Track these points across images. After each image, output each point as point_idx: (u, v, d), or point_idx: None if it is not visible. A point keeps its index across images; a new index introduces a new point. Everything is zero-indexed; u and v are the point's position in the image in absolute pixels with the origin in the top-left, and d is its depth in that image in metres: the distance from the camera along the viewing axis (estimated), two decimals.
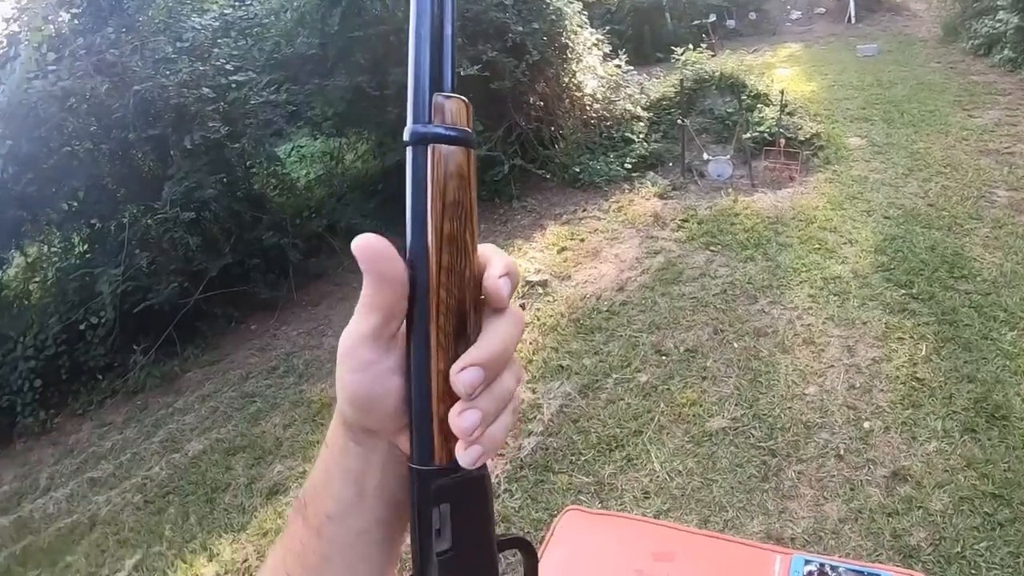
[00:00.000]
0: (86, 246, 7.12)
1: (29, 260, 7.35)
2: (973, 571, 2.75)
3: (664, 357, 4.44)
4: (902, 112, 8.04)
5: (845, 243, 5.24)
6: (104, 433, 5.89)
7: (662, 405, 4.03)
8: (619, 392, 4.22)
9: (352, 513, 0.57)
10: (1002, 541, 2.84)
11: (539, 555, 1.77)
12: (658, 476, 3.56)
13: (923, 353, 3.97)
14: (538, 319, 5.17)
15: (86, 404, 6.38)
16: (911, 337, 4.12)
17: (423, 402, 0.52)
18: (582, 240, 6.15)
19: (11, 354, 6.41)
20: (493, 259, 0.53)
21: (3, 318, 6.78)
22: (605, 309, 5.05)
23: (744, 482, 3.41)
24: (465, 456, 0.51)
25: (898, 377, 3.84)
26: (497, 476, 3.79)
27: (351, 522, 0.57)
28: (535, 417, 4.18)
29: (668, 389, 4.14)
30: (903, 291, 4.54)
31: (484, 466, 0.54)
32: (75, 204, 6.78)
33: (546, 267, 5.82)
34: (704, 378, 4.17)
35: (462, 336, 0.52)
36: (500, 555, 0.59)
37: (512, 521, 3.52)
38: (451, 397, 0.51)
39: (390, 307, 0.50)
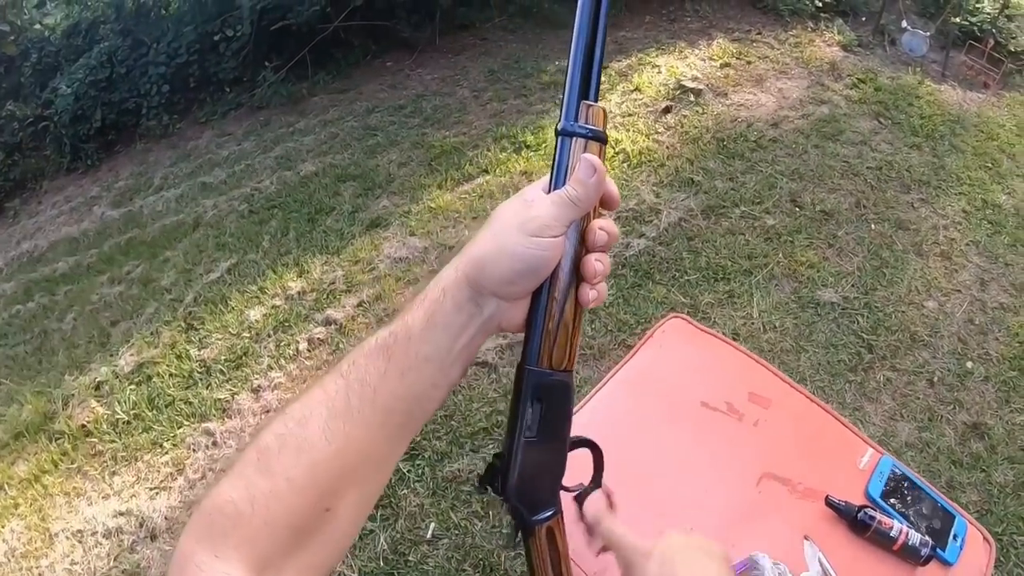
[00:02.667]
0: None
1: None
2: (1002, 558, 2.66)
3: (798, 209, 4.22)
4: None
5: (1018, 176, 4.81)
6: (223, 143, 6.07)
7: (780, 255, 3.87)
8: (742, 226, 4.06)
9: (438, 364, 0.67)
10: None
11: (634, 352, 1.71)
12: (753, 323, 3.47)
13: None
14: (682, 126, 4.93)
15: (210, 114, 6.56)
16: None
17: (545, 318, 0.69)
18: (749, 62, 5.75)
19: (143, 59, 6.54)
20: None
21: (140, 24, 6.80)
22: (753, 139, 4.78)
23: (833, 364, 3.32)
24: (590, 294, 0.69)
25: (1018, 335, 3.60)
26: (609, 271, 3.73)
27: (433, 372, 0.67)
28: (651, 221, 4.07)
29: (791, 242, 3.97)
30: None
31: (571, 374, 0.72)
32: None
33: (704, 77, 5.48)
34: (831, 245, 3.98)
35: (576, 277, 0.69)
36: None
37: (599, 316, 3.50)
38: (565, 319, 0.69)
39: (588, 208, 0.68)
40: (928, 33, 6.25)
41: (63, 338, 4.17)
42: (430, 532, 2.69)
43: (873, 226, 4.13)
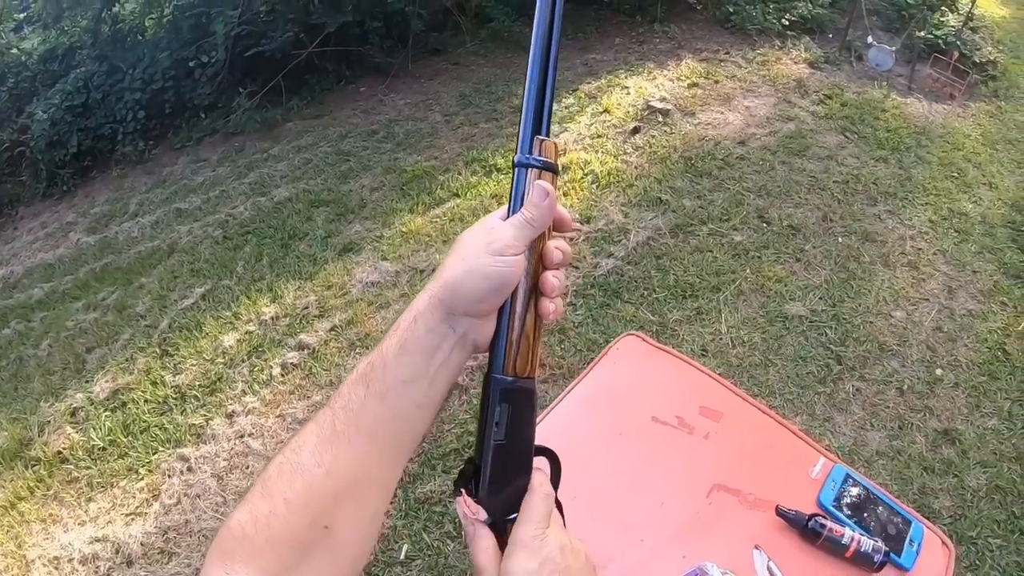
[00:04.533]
0: None
1: None
2: (977, 561, 2.68)
3: (765, 225, 4.25)
4: None
5: (985, 184, 4.86)
6: (198, 168, 6.09)
7: (748, 271, 3.89)
8: (710, 243, 4.09)
9: (418, 385, 0.71)
10: (1016, 548, 2.73)
11: (589, 370, 1.72)
12: (722, 338, 3.49)
13: (1020, 328, 3.71)
14: (650, 146, 4.96)
15: (185, 140, 6.57)
16: (1014, 307, 3.85)
17: (508, 329, 0.74)
18: (717, 82, 5.81)
19: (119, 84, 6.55)
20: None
21: (116, 50, 6.83)
22: (720, 157, 4.82)
23: (802, 376, 3.33)
24: (549, 307, 0.75)
25: (986, 340, 3.63)
26: (566, 287, 3.74)
27: (415, 394, 0.71)
28: (619, 241, 4.10)
29: (759, 257, 3.99)
30: None
31: (534, 381, 0.76)
32: None
33: (672, 97, 5.53)
34: (798, 259, 4.00)
35: (535, 292, 0.76)
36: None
37: (568, 335, 3.51)
38: (526, 331, 0.75)
39: (542, 228, 0.74)
40: (894, 48, 6.33)
41: (39, 364, 4.14)
42: (403, 554, 2.69)
43: (840, 239, 4.16)
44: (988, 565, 2.66)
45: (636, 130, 5.11)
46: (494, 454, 0.74)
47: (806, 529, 1.39)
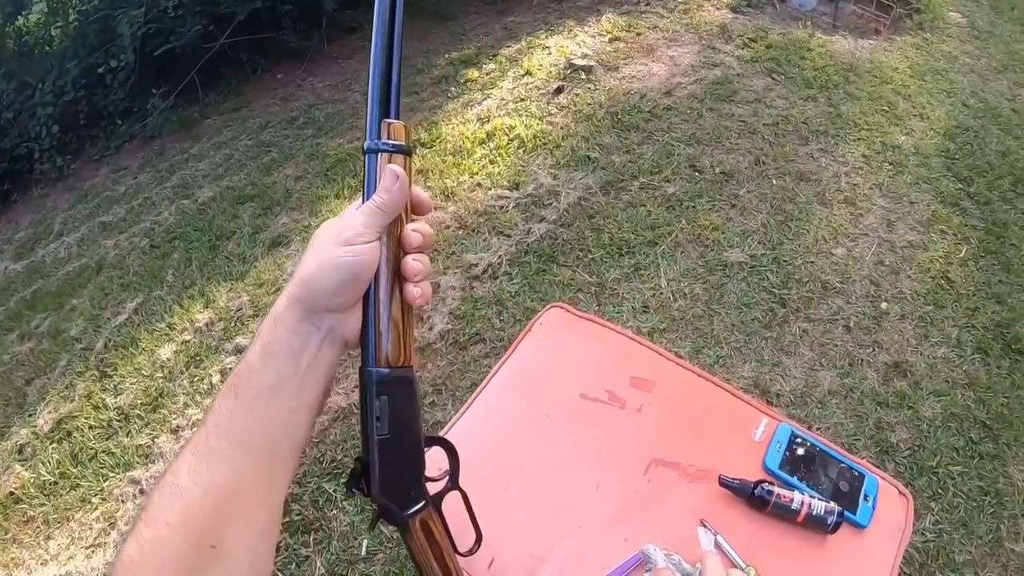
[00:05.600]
0: None
1: (51, 4, 7.08)
2: (940, 490, 2.66)
3: (697, 174, 4.16)
4: (1013, 6, 7.21)
5: (915, 116, 4.82)
6: (119, 178, 5.92)
7: (684, 222, 3.80)
8: (642, 197, 3.98)
9: (287, 389, 0.70)
10: (976, 472, 2.72)
11: (513, 348, 1.60)
12: (662, 293, 3.40)
13: (961, 255, 3.71)
14: (575, 105, 4.84)
15: (103, 149, 6.40)
16: (954, 235, 3.84)
17: (374, 318, 0.73)
18: (638, 34, 5.69)
19: (30, 100, 6.38)
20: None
21: (24, 65, 6.68)
22: (647, 110, 4.71)
23: (747, 323, 3.27)
24: (415, 291, 0.74)
25: (929, 270, 3.61)
26: (500, 257, 3.67)
27: (286, 398, 0.70)
28: (550, 204, 3.98)
29: (693, 207, 3.91)
30: (960, 185, 4.20)
31: (411, 369, 0.75)
32: None
33: (593, 53, 5.41)
34: (733, 206, 3.92)
35: (398, 278, 0.75)
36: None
37: (506, 306, 3.42)
38: (393, 319, 0.74)
39: (396, 212, 0.73)
40: None
41: None
42: (364, 549, 2.61)
43: (775, 181, 4.09)
44: (951, 493, 2.65)
45: (560, 90, 4.99)
46: (380, 450, 0.73)
47: (752, 497, 1.29)
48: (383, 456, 0.73)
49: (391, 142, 0.75)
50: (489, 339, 3.27)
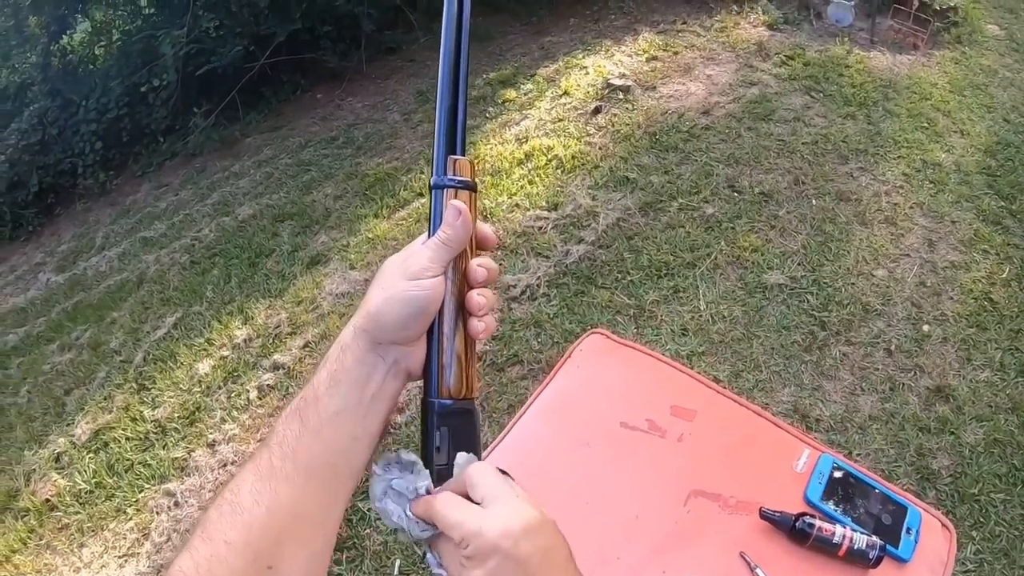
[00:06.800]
0: (152, 8, 7.01)
1: (95, 25, 7.33)
2: (981, 519, 2.62)
3: (736, 194, 4.15)
4: None
5: (956, 132, 4.77)
6: (160, 194, 6.04)
7: (723, 243, 3.80)
8: (681, 219, 3.99)
9: (352, 417, 0.71)
10: (1019, 500, 2.66)
11: (553, 374, 1.61)
12: (701, 315, 3.40)
13: (1004, 275, 3.65)
14: (613, 125, 4.86)
15: (145, 166, 6.54)
16: (997, 254, 3.78)
17: (438, 352, 0.74)
18: (676, 53, 5.70)
19: (74, 117, 6.53)
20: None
21: (68, 83, 6.81)
22: (685, 130, 4.71)
23: (787, 346, 3.25)
24: (479, 326, 0.75)
25: (972, 291, 3.55)
26: (538, 278, 3.69)
27: (349, 426, 0.71)
28: (589, 225, 4.00)
29: (733, 228, 3.90)
30: (1002, 203, 4.13)
31: (473, 401, 0.76)
32: None
33: (631, 73, 5.42)
34: (773, 227, 3.91)
35: (462, 312, 0.75)
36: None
37: (544, 328, 3.43)
38: (456, 352, 0.74)
39: (460, 247, 0.74)
40: (852, 2, 6.24)
41: (19, 412, 4.06)
42: (396, 569, 2.62)
43: (814, 201, 4.07)
44: (992, 521, 2.60)
45: (597, 110, 5.00)
46: (438, 479, 0.74)
47: (794, 530, 1.29)
48: (440, 484, 0.74)
49: (457, 178, 0.76)
50: (527, 361, 3.28)
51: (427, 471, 0.73)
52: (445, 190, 0.76)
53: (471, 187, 0.77)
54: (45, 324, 4.88)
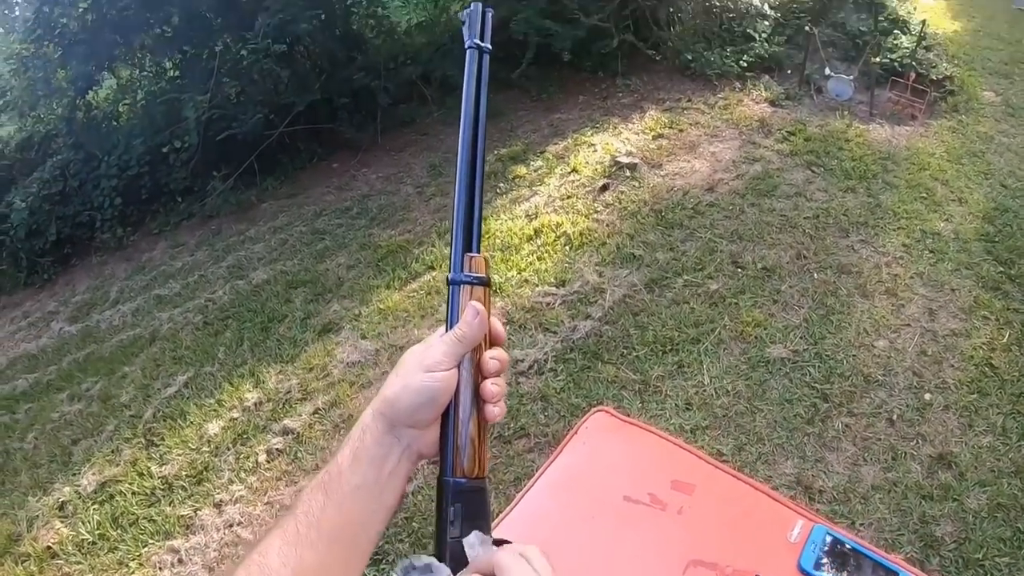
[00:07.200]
0: (177, 72, 7.28)
1: (121, 83, 7.55)
2: None
3: (740, 270, 4.27)
4: None
5: (954, 200, 4.90)
6: (176, 254, 6.17)
7: (727, 319, 3.90)
8: (686, 295, 4.09)
9: (370, 492, 0.78)
10: None
11: (559, 450, 1.70)
12: (705, 390, 3.47)
13: (1004, 340, 3.71)
14: (620, 202, 5.02)
15: (162, 224, 6.69)
16: (997, 320, 3.86)
17: (453, 435, 0.80)
18: (681, 131, 5.88)
19: (95, 172, 6.68)
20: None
21: (92, 137, 6.97)
22: (690, 207, 4.86)
23: (789, 419, 3.30)
24: (493, 411, 0.81)
25: (972, 357, 3.62)
26: (546, 353, 3.77)
27: (368, 500, 0.78)
28: (595, 301, 4.11)
29: (736, 304, 4.00)
30: (1001, 268, 4.23)
31: (485, 480, 0.81)
32: (169, 30, 6.86)
33: (638, 151, 5.60)
34: (775, 301, 4.01)
35: (477, 399, 0.81)
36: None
37: (551, 402, 3.50)
38: (470, 436, 0.80)
39: (473, 343, 0.80)
40: (852, 76, 6.43)
41: (25, 458, 4.13)
42: None
43: (816, 275, 4.18)
44: None
45: (605, 187, 5.17)
46: (451, 551, 0.77)
47: None
48: (454, 556, 0.78)
49: (472, 275, 0.82)
50: (534, 434, 3.35)
51: (444, 567, 0.77)
52: (462, 286, 0.82)
53: (486, 283, 0.83)
54: (56, 373, 4.96)
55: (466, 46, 0.87)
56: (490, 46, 0.88)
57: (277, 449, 3.60)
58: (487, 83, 0.88)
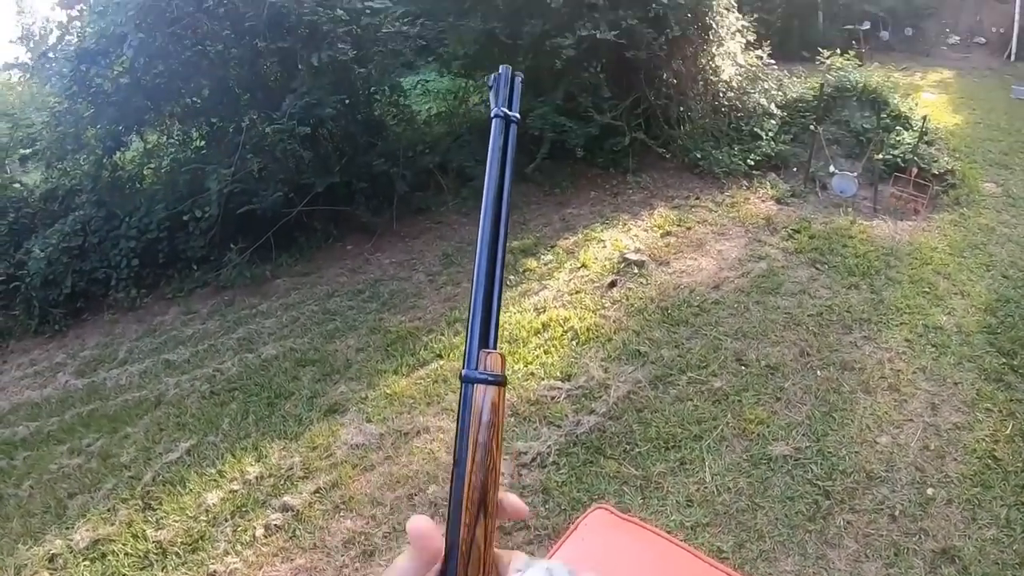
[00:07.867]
0: (203, 142, 7.47)
1: (148, 147, 7.70)
2: None
3: (743, 367, 4.33)
4: None
5: (956, 293, 5.00)
6: (188, 320, 6.23)
7: (729, 416, 3.94)
8: (690, 392, 4.15)
9: None
10: None
11: (557, 547, 1.76)
12: (707, 487, 3.50)
13: (1007, 432, 3.75)
14: (627, 299, 5.12)
15: (176, 290, 6.76)
16: (1000, 412, 3.90)
17: None
18: (688, 228, 6.04)
19: (115, 231, 6.83)
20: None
21: (115, 197, 7.14)
22: (696, 304, 4.96)
23: (791, 516, 3.32)
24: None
25: (975, 450, 3.65)
26: (549, 447, 3.81)
27: None
28: (600, 397, 4.17)
29: (739, 401, 4.05)
30: (1004, 360, 4.29)
31: None
32: (198, 101, 7.09)
33: (646, 248, 5.74)
34: (778, 399, 4.06)
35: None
36: None
37: (552, 495, 3.53)
38: None
39: (427, 568, 0.71)
40: (856, 173, 6.59)
41: (18, 505, 4.12)
42: None
43: (819, 372, 4.24)
44: None
45: (613, 283, 5.29)
46: None
47: None
48: None
49: (488, 373, 0.75)
50: (534, 527, 3.37)
51: None
52: (476, 385, 0.75)
53: (502, 383, 0.76)
54: (57, 424, 4.98)
55: (491, 115, 0.78)
56: (518, 115, 0.79)
57: (276, 525, 3.60)
58: (513, 158, 0.79)
